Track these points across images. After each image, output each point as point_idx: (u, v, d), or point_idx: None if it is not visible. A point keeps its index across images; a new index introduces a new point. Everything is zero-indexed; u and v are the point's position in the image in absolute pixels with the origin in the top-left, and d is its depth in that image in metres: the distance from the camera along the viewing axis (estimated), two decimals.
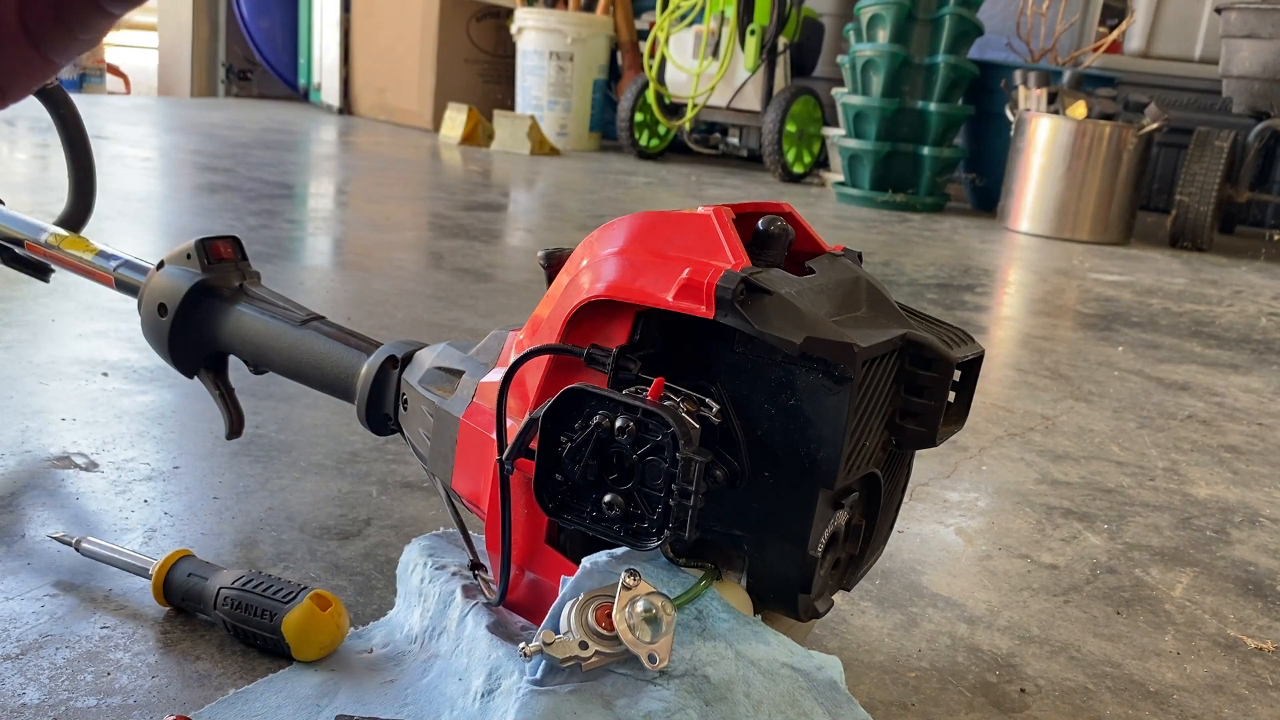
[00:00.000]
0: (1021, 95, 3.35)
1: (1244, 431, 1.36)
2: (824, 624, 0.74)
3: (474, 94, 4.74)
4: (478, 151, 4.12)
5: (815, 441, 0.49)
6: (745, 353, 0.51)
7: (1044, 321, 2.02)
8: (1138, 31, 4.19)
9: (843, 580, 0.58)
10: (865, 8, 3.50)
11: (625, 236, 0.54)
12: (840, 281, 0.54)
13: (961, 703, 0.67)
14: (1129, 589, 0.86)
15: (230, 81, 5.58)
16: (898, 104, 3.49)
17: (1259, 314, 2.27)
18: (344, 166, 3.58)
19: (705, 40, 4.05)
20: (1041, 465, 1.15)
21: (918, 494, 1.02)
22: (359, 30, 5.06)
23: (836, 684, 0.51)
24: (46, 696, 0.57)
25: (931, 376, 0.53)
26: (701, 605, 0.51)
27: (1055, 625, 0.79)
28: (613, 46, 4.61)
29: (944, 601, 0.80)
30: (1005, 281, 2.52)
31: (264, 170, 2.97)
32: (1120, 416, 1.37)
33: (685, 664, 0.48)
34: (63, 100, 1.02)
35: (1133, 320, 2.04)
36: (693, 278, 0.49)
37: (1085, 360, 1.67)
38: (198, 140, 3.55)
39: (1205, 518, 1.04)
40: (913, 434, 0.54)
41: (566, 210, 3.01)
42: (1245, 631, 0.81)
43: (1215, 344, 1.89)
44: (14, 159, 2.83)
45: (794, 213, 0.58)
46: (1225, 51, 3.39)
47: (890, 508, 0.59)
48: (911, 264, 2.48)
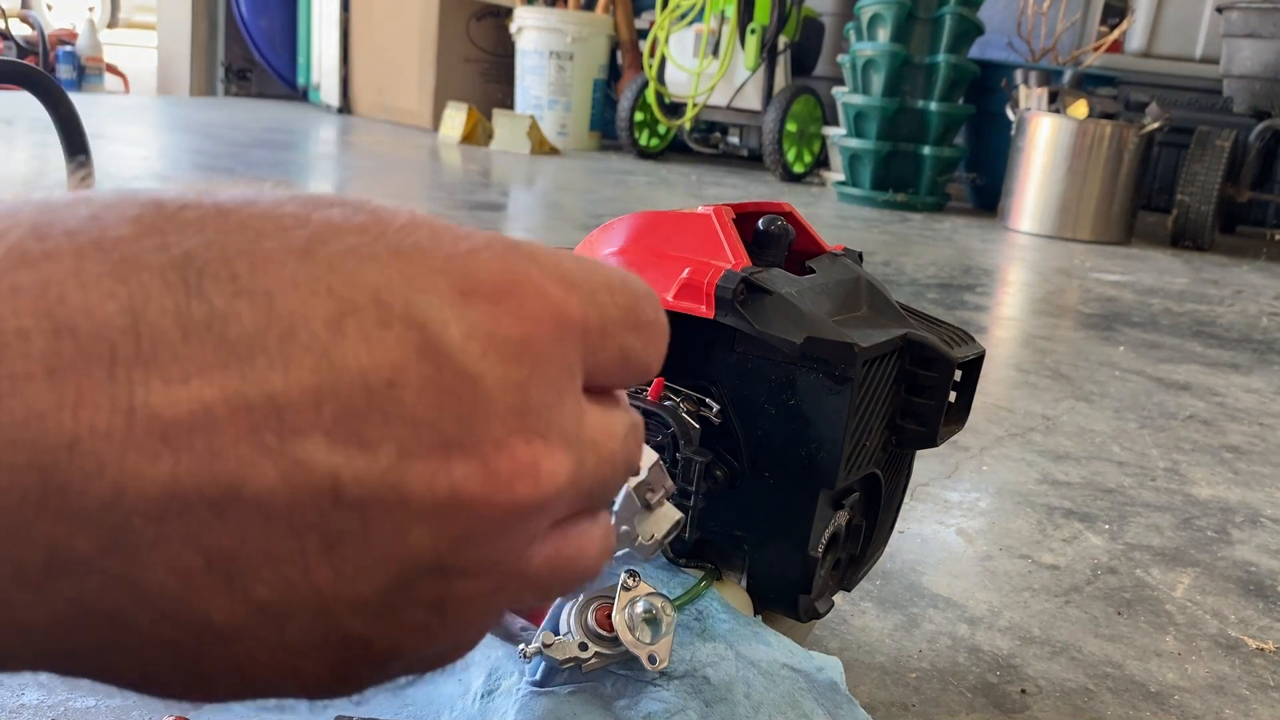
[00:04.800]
0: (1022, 95, 3.35)
1: (1245, 431, 1.35)
2: (824, 624, 0.74)
3: (474, 93, 4.74)
4: (477, 151, 4.12)
5: (815, 441, 0.49)
6: (745, 353, 0.51)
7: (1045, 321, 2.02)
8: (1139, 31, 4.19)
9: (843, 580, 0.57)
10: (866, 7, 3.50)
11: (625, 236, 0.54)
12: (841, 281, 0.54)
13: (962, 703, 0.67)
14: (1130, 589, 0.86)
15: (229, 81, 5.58)
16: (898, 103, 3.49)
17: (1260, 314, 2.26)
18: (343, 166, 3.57)
19: (705, 39, 4.05)
20: (1042, 465, 1.14)
21: (918, 494, 1.02)
22: (358, 29, 5.06)
23: (837, 685, 0.51)
24: (45, 696, 0.56)
25: (932, 376, 0.52)
26: (702, 606, 0.51)
27: (1056, 626, 0.78)
28: (613, 46, 4.61)
29: (945, 602, 0.80)
30: (1006, 281, 2.51)
31: (263, 170, 2.97)
32: (1121, 416, 1.36)
33: (685, 665, 0.48)
34: (61, 99, 1.01)
35: (1134, 320, 2.04)
36: (693, 277, 0.49)
37: (1086, 360, 1.66)
38: (197, 140, 3.55)
39: (1206, 518, 1.04)
40: (913, 434, 0.54)
41: (566, 210, 3.01)
42: (1246, 632, 0.81)
43: (1216, 344, 1.89)
44: (13, 159, 2.83)
45: (794, 212, 0.57)
46: (1226, 51, 3.38)
47: (891, 508, 0.59)
48: (912, 264, 2.48)
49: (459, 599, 0.19)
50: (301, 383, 0.17)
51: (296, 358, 0.17)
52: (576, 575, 0.22)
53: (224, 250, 0.17)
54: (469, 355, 0.18)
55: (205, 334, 0.16)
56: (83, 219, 0.17)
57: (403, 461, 0.17)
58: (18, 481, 0.15)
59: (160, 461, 0.16)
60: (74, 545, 0.16)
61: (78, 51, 5.43)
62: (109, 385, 0.16)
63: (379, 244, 0.18)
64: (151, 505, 0.16)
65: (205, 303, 0.16)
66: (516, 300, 0.19)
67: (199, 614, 0.17)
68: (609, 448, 0.21)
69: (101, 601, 0.16)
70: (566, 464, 0.19)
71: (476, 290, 0.19)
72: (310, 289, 0.17)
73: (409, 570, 0.18)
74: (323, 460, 0.17)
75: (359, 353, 0.17)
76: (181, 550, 0.16)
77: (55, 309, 0.16)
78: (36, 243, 0.16)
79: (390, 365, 0.17)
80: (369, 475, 0.17)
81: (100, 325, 0.16)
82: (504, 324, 0.18)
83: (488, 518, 0.18)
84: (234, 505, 0.16)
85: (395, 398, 0.17)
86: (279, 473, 0.17)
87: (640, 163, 4.21)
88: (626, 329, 0.21)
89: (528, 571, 0.20)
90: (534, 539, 0.20)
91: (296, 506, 0.17)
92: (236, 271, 0.17)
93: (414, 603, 0.19)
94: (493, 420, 0.18)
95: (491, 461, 0.18)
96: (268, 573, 0.17)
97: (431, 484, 0.18)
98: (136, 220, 0.17)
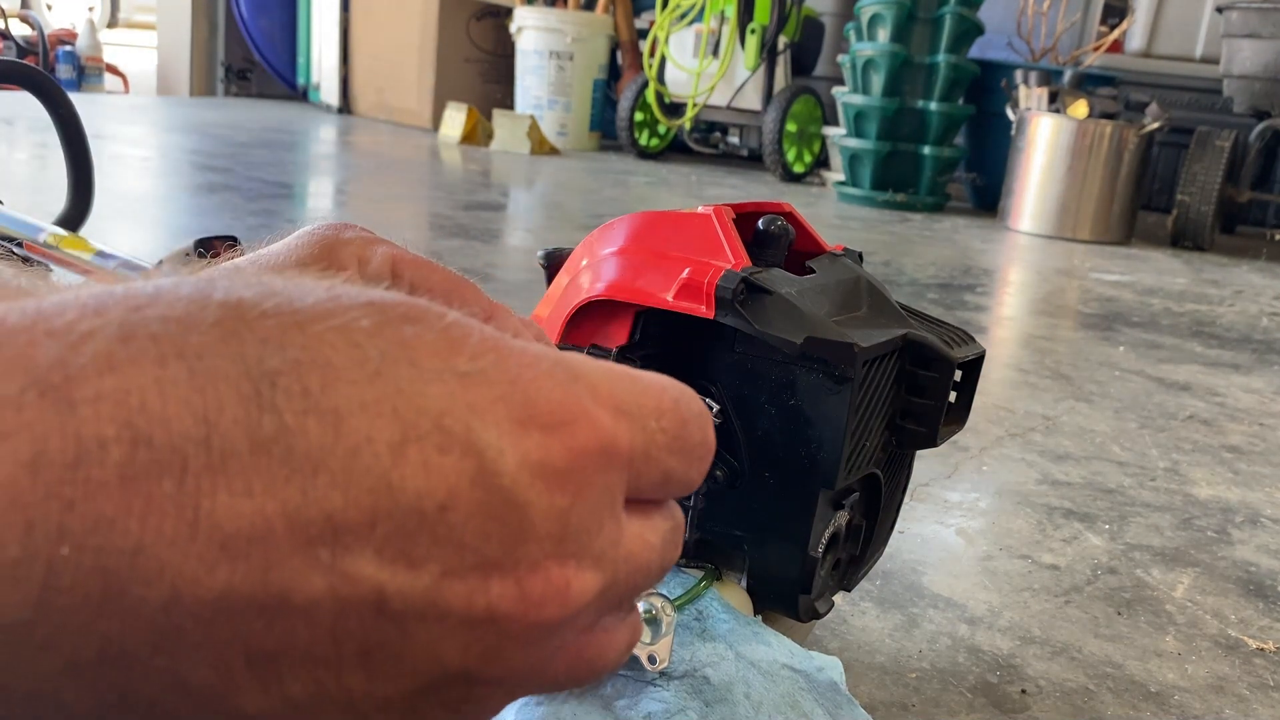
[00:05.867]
0: (1022, 94, 3.35)
1: (1245, 432, 1.35)
2: (824, 624, 0.74)
3: (473, 93, 4.74)
4: (477, 151, 4.12)
5: (815, 442, 0.49)
6: (745, 353, 0.51)
7: (1045, 321, 2.02)
8: (1139, 31, 4.18)
9: (843, 581, 0.57)
10: (866, 7, 3.50)
11: (625, 236, 0.54)
12: (841, 281, 0.54)
13: (962, 704, 0.66)
14: (1130, 589, 0.86)
15: (229, 81, 5.58)
16: (898, 103, 3.49)
17: (1260, 314, 2.26)
18: (343, 166, 3.57)
19: (705, 39, 4.05)
20: (1042, 465, 1.14)
21: (918, 494, 1.02)
22: (358, 29, 5.06)
23: (837, 685, 0.51)
24: None
25: (932, 376, 0.52)
26: (702, 606, 0.51)
27: (1056, 626, 0.78)
28: (612, 46, 4.61)
29: (945, 602, 0.80)
30: (1006, 281, 2.51)
31: (263, 170, 2.97)
32: (1121, 417, 1.36)
33: (685, 665, 0.48)
34: (61, 99, 1.01)
35: (1134, 320, 2.04)
36: (693, 277, 0.49)
37: (1086, 360, 1.66)
38: (196, 139, 3.55)
39: (1206, 518, 1.04)
40: (913, 434, 0.54)
41: (566, 210, 3.01)
42: (1246, 632, 0.81)
43: (1216, 344, 1.89)
44: (13, 159, 2.83)
45: (794, 212, 0.57)
46: (1226, 51, 3.38)
47: (891, 508, 0.59)
48: (912, 264, 2.48)
49: (478, 700, 0.20)
50: (359, 503, 0.17)
51: (357, 478, 0.17)
52: (595, 674, 0.23)
53: (298, 365, 0.18)
54: (519, 484, 0.19)
55: (273, 448, 0.17)
56: (166, 322, 0.17)
57: (445, 580, 0.18)
58: (81, 583, 0.16)
59: (218, 570, 0.16)
60: (126, 642, 0.16)
61: (77, 51, 5.43)
62: (177, 495, 0.16)
63: (447, 368, 0.19)
64: (204, 609, 0.17)
65: (276, 417, 0.17)
66: (570, 432, 0.20)
67: (233, 705, 0.18)
68: (644, 558, 0.22)
69: (144, 690, 0.17)
70: (597, 582, 0.20)
71: (534, 420, 0.19)
72: (376, 410, 0.18)
73: (437, 678, 0.19)
74: (371, 575, 0.18)
75: (417, 477, 0.18)
76: (226, 650, 0.17)
77: (135, 418, 0.16)
78: (122, 346, 0.17)
79: (445, 490, 0.18)
80: (413, 591, 0.18)
81: (176, 436, 0.16)
82: (555, 454, 0.19)
83: (516, 634, 0.19)
84: (282, 613, 0.17)
85: (446, 520, 0.18)
86: (327, 585, 0.17)
87: (640, 163, 4.21)
88: (671, 454, 0.22)
89: (547, 675, 0.21)
90: (559, 650, 0.21)
91: (341, 616, 0.18)
92: (308, 387, 0.17)
93: (436, 704, 0.20)
94: (532, 545, 0.19)
95: (525, 582, 0.19)
96: (304, 673, 0.18)
97: (469, 602, 0.18)
98: (217, 325, 0.17)
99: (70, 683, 0.16)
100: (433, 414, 0.18)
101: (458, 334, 0.20)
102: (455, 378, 0.19)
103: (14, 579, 0.15)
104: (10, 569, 0.15)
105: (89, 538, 0.16)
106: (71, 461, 0.16)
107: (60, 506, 0.15)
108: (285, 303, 0.18)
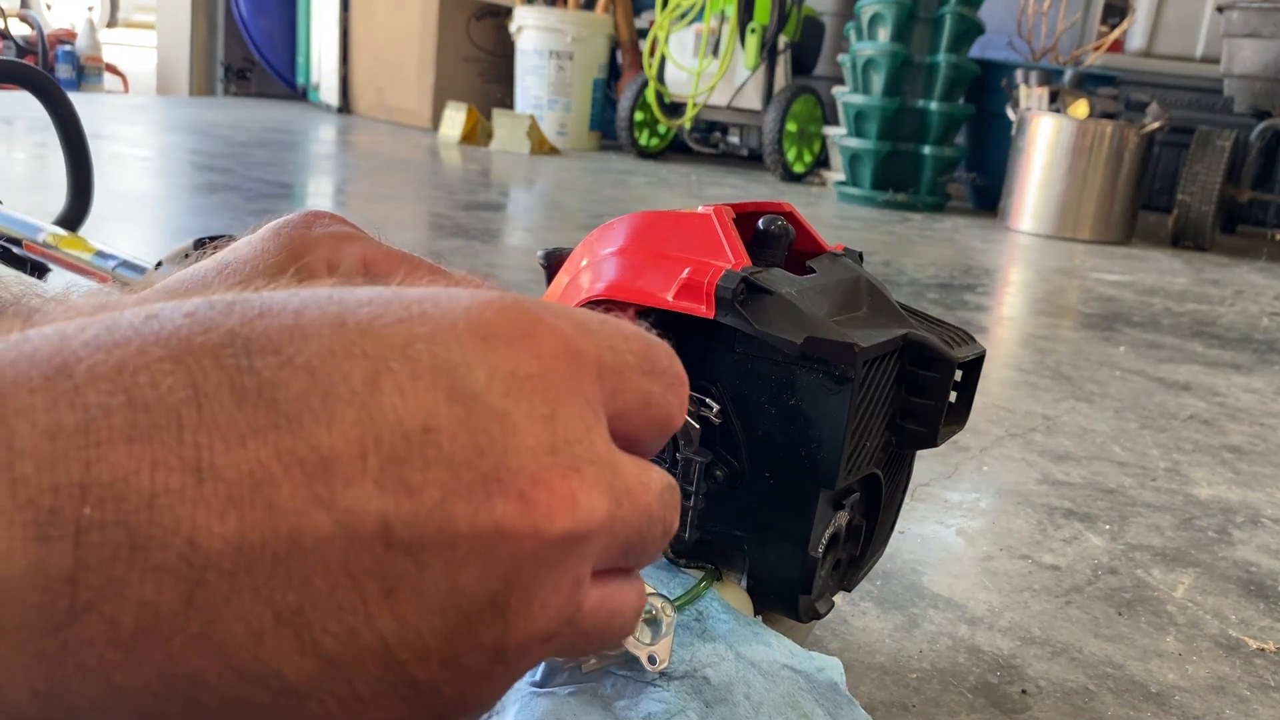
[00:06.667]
0: (1023, 94, 3.35)
1: (1246, 432, 1.35)
2: (824, 625, 0.74)
3: (473, 93, 4.74)
4: (477, 151, 4.12)
5: (816, 442, 0.49)
6: (745, 353, 0.51)
7: (1045, 321, 2.02)
8: (1139, 30, 4.18)
9: (843, 581, 0.57)
10: (866, 6, 3.50)
11: (625, 236, 0.54)
12: (841, 281, 0.54)
13: (962, 704, 0.66)
14: (1130, 590, 0.86)
15: (229, 81, 5.58)
16: (899, 103, 3.49)
17: (1261, 314, 2.26)
18: (343, 166, 3.57)
19: (705, 39, 4.05)
20: (1043, 466, 1.14)
21: (919, 494, 1.02)
22: (358, 29, 5.06)
23: (837, 685, 0.51)
24: None
25: (932, 376, 0.52)
26: (702, 606, 0.51)
27: (1056, 626, 0.78)
28: (612, 45, 4.61)
29: (945, 602, 0.80)
30: (1006, 281, 2.51)
31: (262, 169, 2.97)
32: (1122, 417, 1.36)
33: (685, 665, 0.48)
34: (60, 99, 1.01)
35: (1134, 320, 2.04)
36: (693, 277, 0.49)
37: (1087, 360, 1.66)
38: (196, 139, 3.55)
39: (1207, 518, 1.04)
40: (914, 434, 0.54)
41: (566, 210, 3.01)
42: (1247, 632, 0.81)
43: (1217, 344, 1.89)
44: (12, 158, 2.83)
45: (794, 212, 0.57)
46: (1227, 51, 3.38)
47: (891, 508, 0.59)
48: (912, 264, 2.47)
49: (519, 645, 0.20)
50: (346, 436, 0.19)
51: (340, 414, 0.19)
52: (617, 631, 0.23)
53: (267, 331, 0.19)
54: (494, 393, 0.20)
55: (257, 401, 0.18)
56: (144, 317, 0.19)
57: (446, 501, 0.19)
58: (109, 538, 0.17)
59: (227, 517, 0.18)
60: (159, 602, 0.17)
61: (77, 51, 5.43)
62: (178, 449, 0.18)
63: (402, 308, 0.20)
64: (223, 559, 0.18)
65: (255, 375, 0.19)
66: (533, 340, 0.21)
67: (272, 670, 0.18)
68: (644, 499, 0.22)
69: (184, 664, 0.18)
70: (603, 502, 0.21)
71: (495, 335, 0.20)
72: (346, 354, 0.19)
73: (467, 612, 0.19)
74: (373, 506, 0.18)
75: (395, 403, 0.19)
76: (252, 604, 0.18)
77: (130, 386, 0.18)
78: (109, 334, 0.19)
79: (424, 412, 0.19)
80: (416, 517, 0.19)
81: (168, 398, 0.18)
82: (523, 363, 0.20)
83: (531, 552, 0.19)
84: (294, 556, 0.18)
85: (433, 441, 0.19)
86: (333, 521, 0.18)
87: (640, 163, 4.21)
88: (643, 373, 0.23)
89: (577, 617, 0.22)
90: (580, 582, 0.21)
91: (352, 553, 0.18)
92: (280, 346, 0.19)
93: (476, 648, 0.20)
94: (525, 454, 0.20)
95: (530, 495, 0.19)
96: (333, 623, 0.18)
97: (475, 521, 0.19)
98: (190, 314, 0.19)
99: (115, 654, 0.17)
100: (399, 347, 0.19)
101: (404, 289, 0.21)
102: (416, 316, 0.20)
103: (49, 537, 0.17)
104: (46, 523, 0.17)
105: (109, 491, 0.17)
106: (83, 426, 0.17)
107: (79, 467, 0.17)
108: (253, 294, 0.21)
